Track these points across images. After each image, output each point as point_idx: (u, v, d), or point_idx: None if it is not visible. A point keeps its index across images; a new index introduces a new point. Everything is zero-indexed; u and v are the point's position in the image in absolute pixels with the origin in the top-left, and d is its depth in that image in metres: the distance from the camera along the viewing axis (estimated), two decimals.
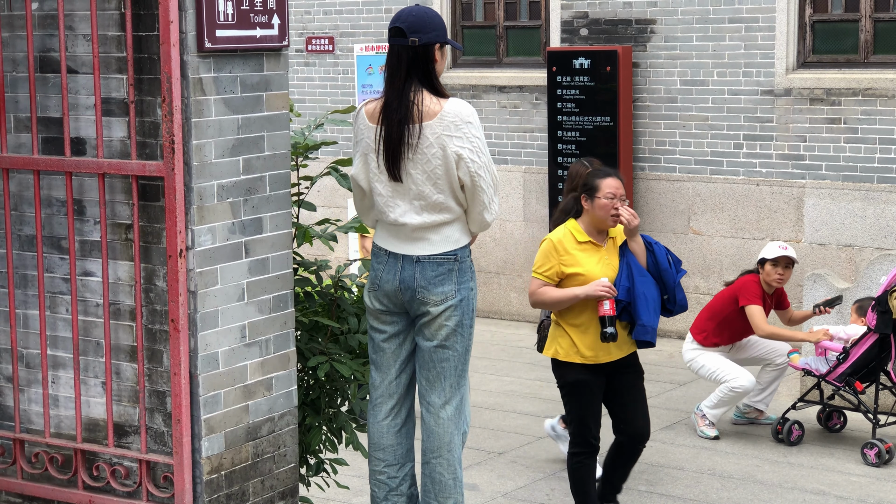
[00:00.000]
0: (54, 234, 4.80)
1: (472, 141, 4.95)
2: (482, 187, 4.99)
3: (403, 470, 5.25)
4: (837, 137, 10.20)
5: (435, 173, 4.93)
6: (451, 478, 5.18)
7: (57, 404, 4.88)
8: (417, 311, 5.08)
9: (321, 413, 5.39)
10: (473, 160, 4.94)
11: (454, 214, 5.03)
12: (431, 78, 4.97)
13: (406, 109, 4.90)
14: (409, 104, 4.90)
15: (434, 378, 5.12)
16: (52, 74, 4.71)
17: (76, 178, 4.71)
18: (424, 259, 5.03)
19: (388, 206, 5.02)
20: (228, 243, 4.63)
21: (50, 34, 4.69)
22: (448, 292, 5.03)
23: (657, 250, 6.29)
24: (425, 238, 5.03)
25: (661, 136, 10.92)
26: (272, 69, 4.76)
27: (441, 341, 5.07)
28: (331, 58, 12.52)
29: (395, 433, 5.22)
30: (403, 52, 4.96)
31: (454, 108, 4.93)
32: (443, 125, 4.90)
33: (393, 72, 4.97)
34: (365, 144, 5.04)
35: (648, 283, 6.18)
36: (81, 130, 4.67)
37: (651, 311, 6.15)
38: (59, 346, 4.84)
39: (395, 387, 5.20)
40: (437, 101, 4.94)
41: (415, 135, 4.90)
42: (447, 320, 5.04)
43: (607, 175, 6.22)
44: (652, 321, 6.17)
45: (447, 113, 4.92)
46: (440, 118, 4.91)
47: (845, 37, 10.32)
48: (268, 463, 4.85)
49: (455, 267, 5.04)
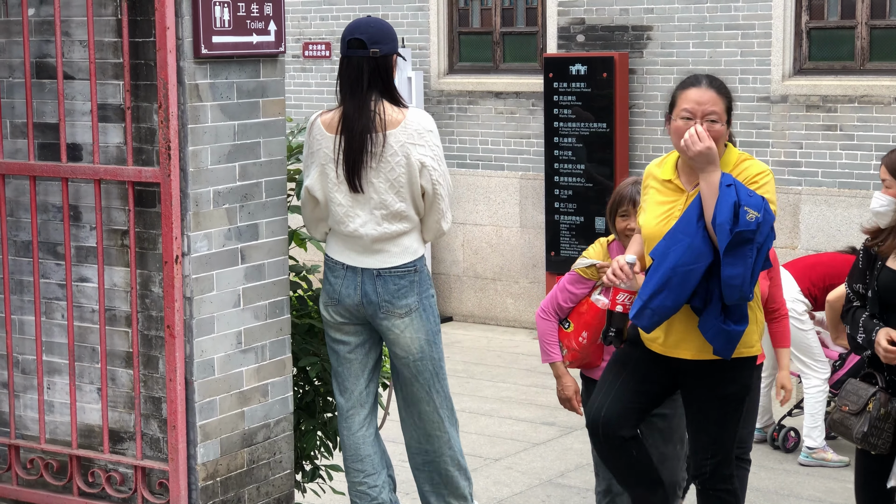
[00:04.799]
0: (50, 239, 4.79)
1: (434, 150, 4.99)
2: (441, 195, 5.01)
3: (381, 478, 5.27)
4: (834, 144, 10.21)
5: (398, 181, 4.95)
6: (456, 470, 5.30)
7: (52, 410, 4.87)
8: (381, 326, 5.08)
9: (315, 416, 5.39)
10: (435, 168, 4.98)
11: (412, 224, 5.05)
12: (391, 87, 5.02)
13: (367, 119, 4.93)
14: (371, 114, 4.93)
15: (420, 389, 5.17)
16: (48, 80, 4.71)
17: (72, 183, 4.70)
18: (385, 272, 5.03)
19: (348, 217, 5.02)
20: (224, 249, 4.63)
21: (46, 40, 4.69)
22: (412, 304, 5.04)
23: (741, 194, 4.49)
24: (384, 250, 5.03)
25: (658, 142, 10.91)
26: (268, 75, 4.75)
27: (416, 355, 5.10)
28: (328, 63, 12.52)
29: (371, 443, 5.23)
30: (364, 64, 4.98)
31: (417, 118, 4.98)
32: (406, 133, 4.93)
33: (353, 83, 4.98)
34: (322, 155, 5.04)
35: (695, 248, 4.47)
36: (78, 136, 4.67)
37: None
38: (54, 351, 4.83)
39: (366, 396, 5.21)
40: (399, 110, 4.99)
41: (378, 143, 4.92)
42: (417, 332, 5.07)
43: (692, 84, 4.70)
44: (646, 291, 4.53)
45: (410, 122, 4.95)
46: (404, 126, 4.94)
47: (841, 44, 10.33)
48: (263, 469, 4.85)
49: (416, 278, 5.06)
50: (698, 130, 4.49)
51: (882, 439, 4.79)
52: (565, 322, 5.40)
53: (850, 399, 4.89)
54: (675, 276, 4.45)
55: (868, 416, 4.80)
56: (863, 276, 4.93)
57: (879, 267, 4.84)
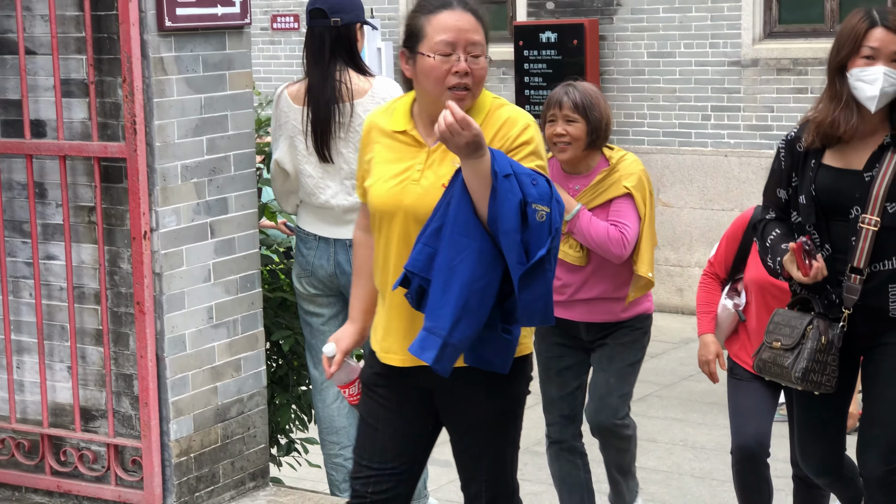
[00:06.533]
0: (16, 217, 4.74)
1: None
2: None
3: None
4: (804, 107, 10.16)
5: None
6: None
7: (22, 390, 4.83)
8: None
9: (289, 390, 5.37)
10: None
11: None
12: (355, 57, 4.98)
13: (332, 89, 4.88)
14: (337, 84, 4.88)
15: None
16: (9, 56, 4.63)
17: (37, 160, 4.64)
18: None
19: (319, 188, 4.98)
20: (193, 224, 4.58)
21: (7, 15, 4.62)
22: None
23: (525, 185, 3.29)
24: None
25: (629, 108, 10.89)
26: (234, 48, 4.70)
27: None
28: (296, 35, 12.43)
29: (346, 415, 5.19)
30: (326, 33, 4.94)
31: (384, 86, 4.94)
32: (374, 102, 4.89)
33: (316, 53, 4.94)
34: (291, 127, 5.00)
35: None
36: (41, 112, 4.61)
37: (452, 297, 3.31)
38: (23, 330, 4.78)
39: None
40: (366, 79, 4.95)
41: (346, 113, 4.88)
42: None
43: (444, 5, 3.46)
44: (441, 324, 3.29)
45: (377, 90, 4.92)
46: (371, 95, 4.91)
47: (811, 6, 10.31)
48: (238, 444, 4.82)
49: None
50: (454, 111, 3.18)
51: (826, 374, 4.08)
52: None
53: (781, 332, 4.17)
54: (472, 295, 3.28)
55: (806, 348, 4.08)
56: (787, 180, 4.19)
57: (815, 166, 4.11)
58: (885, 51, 3.97)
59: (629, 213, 4.87)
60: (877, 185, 4.02)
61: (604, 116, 4.86)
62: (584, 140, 4.85)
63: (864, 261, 4.02)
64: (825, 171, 4.09)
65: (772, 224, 4.23)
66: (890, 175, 4.02)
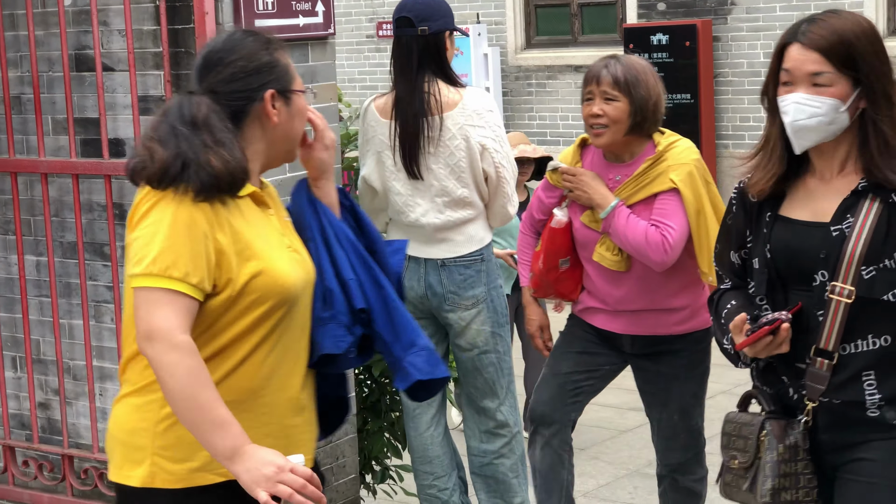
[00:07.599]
0: (96, 240, 4.61)
1: (495, 130, 4.70)
2: (506, 178, 4.72)
3: (452, 480, 5.03)
4: None
5: (459, 166, 4.67)
6: (514, 477, 5.03)
7: (105, 418, 4.68)
8: (446, 318, 4.83)
9: (381, 416, 5.18)
10: (497, 150, 4.69)
11: (476, 210, 4.77)
12: (444, 67, 4.72)
13: (421, 102, 4.65)
14: (426, 96, 4.65)
15: (483, 384, 4.90)
16: (87, 73, 4.50)
17: (115, 181, 4.50)
18: (450, 262, 4.76)
19: (408, 206, 4.76)
20: None
21: (84, 31, 4.49)
22: (479, 295, 4.77)
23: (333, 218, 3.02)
24: (448, 239, 4.77)
25: (745, 111, 10.64)
26: (318, 59, 4.52)
27: (482, 347, 4.84)
28: None
29: (440, 443, 4.98)
30: (413, 43, 4.70)
31: (475, 97, 4.69)
32: (465, 115, 4.65)
33: (403, 64, 4.71)
34: (378, 142, 4.78)
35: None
36: (119, 131, 4.48)
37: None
38: (105, 357, 4.66)
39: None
40: (455, 90, 4.71)
41: (435, 127, 4.64)
42: (483, 325, 4.80)
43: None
44: (420, 339, 3.05)
45: (468, 102, 4.67)
46: (461, 108, 4.66)
47: None
48: (326, 474, 4.63)
49: (482, 267, 4.78)
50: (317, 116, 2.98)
51: (802, 488, 3.08)
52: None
53: (735, 447, 3.19)
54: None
55: (767, 463, 3.08)
56: (740, 240, 3.21)
57: (770, 219, 3.13)
58: (798, 73, 3.00)
59: (675, 213, 4.15)
60: (851, 243, 3.00)
61: (652, 96, 4.17)
62: (625, 123, 4.17)
63: (832, 342, 3.02)
64: (783, 225, 3.11)
65: (728, 295, 3.24)
66: (868, 230, 3.01)
